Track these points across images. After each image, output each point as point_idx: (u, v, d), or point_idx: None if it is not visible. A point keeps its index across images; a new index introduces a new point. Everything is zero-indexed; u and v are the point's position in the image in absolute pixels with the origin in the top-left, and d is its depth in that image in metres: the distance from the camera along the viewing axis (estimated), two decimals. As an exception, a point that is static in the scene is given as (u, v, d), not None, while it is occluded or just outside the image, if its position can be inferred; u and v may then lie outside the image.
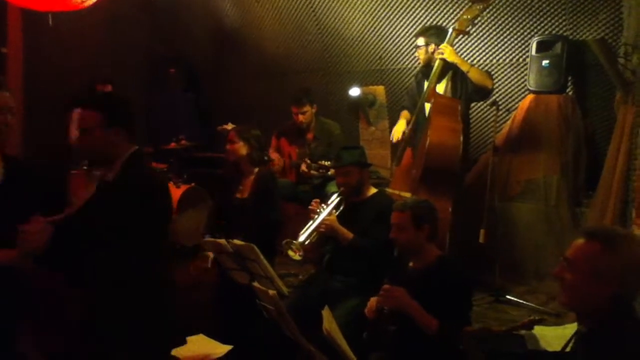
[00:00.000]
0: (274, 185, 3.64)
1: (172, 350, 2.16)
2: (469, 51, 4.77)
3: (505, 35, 4.62)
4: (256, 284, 2.60)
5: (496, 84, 4.59)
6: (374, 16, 5.19)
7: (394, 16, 5.09)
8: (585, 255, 1.66)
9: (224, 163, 4.14)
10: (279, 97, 5.63)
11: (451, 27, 4.12)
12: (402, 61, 5.26)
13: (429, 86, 4.08)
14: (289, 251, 3.21)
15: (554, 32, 4.39)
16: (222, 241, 2.96)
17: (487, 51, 4.73)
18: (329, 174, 4.42)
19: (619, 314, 1.64)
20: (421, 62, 4.27)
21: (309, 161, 4.62)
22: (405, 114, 4.46)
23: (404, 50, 5.19)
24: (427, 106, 4.13)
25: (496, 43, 4.67)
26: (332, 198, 3.35)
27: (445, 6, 4.77)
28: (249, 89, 6.32)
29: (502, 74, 4.71)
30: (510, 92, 4.71)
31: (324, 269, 3.35)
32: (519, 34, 4.56)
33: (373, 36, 5.30)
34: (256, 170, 3.59)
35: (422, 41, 4.20)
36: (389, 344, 2.62)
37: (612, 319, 1.63)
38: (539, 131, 4.42)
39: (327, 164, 4.39)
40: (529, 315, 3.39)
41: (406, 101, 4.60)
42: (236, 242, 2.89)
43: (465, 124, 4.04)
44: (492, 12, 4.55)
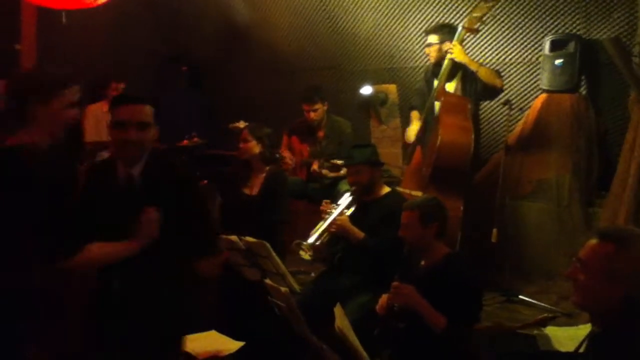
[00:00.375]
0: (284, 187, 3.65)
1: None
2: (481, 49, 4.74)
3: (519, 33, 4.58)
4: (268, 281, 2.61)
5: (509, 83, 4.57)
6: (386, 14, 5.17)
7: (405, 14, 5.07)
8: (599, 256, 1.66)
9: (233, 160, 4.14)
10: (288, 95, 5.62)
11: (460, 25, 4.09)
12: (414, 59, 5.24)
13: (438, 84, 4.05)
14: (300, 251, 3.22)
15: (567, 30, 4.35)
16: (233, 237, 2.97)
17: (500, 50, 4.70)
18: (342, 173, 4.40)
19: (632, 314, 1.63)
20: (432, 60, 4.22)
21: (322, 160, 4.61)
22: (416, 114, 4.43)
23: (416, 49, 5.17)
24: (436, 105, 4.11)
25: (509, 42, 4.64)
26: (344, 197, 3.34)
27: (457, 4, 4.75)
28: (258, 86, 6.32)
29: (515, 73, 4.68)
30: (523, 91, 4.68)
31: (335, 267, 3.36)
32: (532, 32, 4.52)
33: (385, 34, 5.28)
34: (267, 168, 3.60)
35: (435, 39, 4.13)
36: (398, 341, 2.63)
37: (625, 319, 1.63)
38: (551, 130, 4.39)
39: (340, 162, 4.38)
40: (540, 315, 3.39)
41: (415, 100, 4.57)
42: (248, 239, 2.91)
43: (474, 123, 4.02)
44: (505, 11, 4.52)
